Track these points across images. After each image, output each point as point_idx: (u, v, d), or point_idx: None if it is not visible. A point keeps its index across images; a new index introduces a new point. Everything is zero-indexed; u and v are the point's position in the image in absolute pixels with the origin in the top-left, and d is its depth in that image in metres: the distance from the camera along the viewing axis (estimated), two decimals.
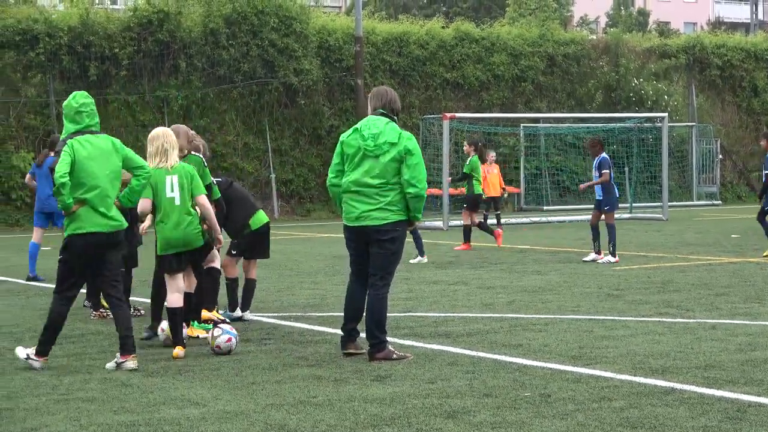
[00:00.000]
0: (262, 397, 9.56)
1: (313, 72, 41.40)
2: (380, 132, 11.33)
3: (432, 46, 45.15)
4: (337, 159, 11.52)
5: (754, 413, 8.65)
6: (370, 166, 11.28)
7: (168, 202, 12.07)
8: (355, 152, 11.36)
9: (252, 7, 40.44)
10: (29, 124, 38.03)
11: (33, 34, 38.01)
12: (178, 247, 12.09)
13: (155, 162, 12.22)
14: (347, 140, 11.46)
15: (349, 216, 11.39)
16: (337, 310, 15.00)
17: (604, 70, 48.66)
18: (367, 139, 11.30)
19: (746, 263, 20.70)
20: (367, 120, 11.53)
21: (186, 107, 39.93)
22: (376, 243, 11.29)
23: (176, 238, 12.06)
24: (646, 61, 49.90)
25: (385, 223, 11.25)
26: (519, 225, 34.79)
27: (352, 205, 11.34)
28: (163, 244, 12.12)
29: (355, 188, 11.31)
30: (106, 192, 11.12)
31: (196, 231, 12.09)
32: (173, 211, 12.05)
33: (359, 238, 11.40)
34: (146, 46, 39.19)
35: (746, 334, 12.49)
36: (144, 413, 9.02)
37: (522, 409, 8.92)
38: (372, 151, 11.27)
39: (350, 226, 11.42)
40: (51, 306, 11.26)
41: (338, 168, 11.51)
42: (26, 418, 8.94)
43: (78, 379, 10.57)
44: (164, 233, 12.08)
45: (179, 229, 12.03)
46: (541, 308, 15.05)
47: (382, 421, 8.62)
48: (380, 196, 11.26)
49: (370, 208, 11.26)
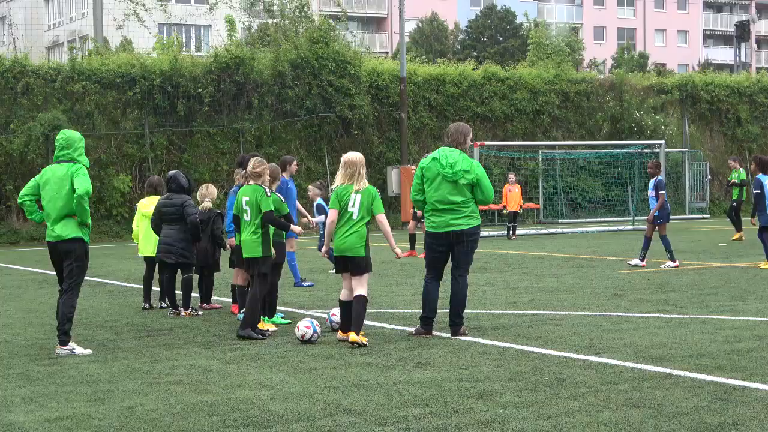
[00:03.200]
0: (321, 381, 9.55)
1: (365, 107, 41.49)
2: (456, 161, 12.06)
3: (464, 85, 45.11)
4: (418, 180, 12.31)
5: (739, 395, 8.58)
6: (450, 188, 12.06)
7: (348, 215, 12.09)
8: (434, 176, 12.12)
9: (313, 53, 40.58)
10: (127, 152, 38.30)
11: (131, 76, 38.30)
12: (343, 252, 12.05)
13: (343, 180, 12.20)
14: (427, 166, 12.23)
15: (440, 225, 12.13)
16: (384, 308, 15.01)
17: (610, 104, 48.45)
18: (446, 167, 12.06)
19: (732, 267, 20.53)
20: (443, 150, 12.24)
21: (258, 137, 40.09)
22: (462, 243, 12.11)
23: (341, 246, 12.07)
24: (646, 97, 49.63)
25: (469, 227, 12.12)
26: (538, 235, 34.63)
27: (441, 218, 12.14)
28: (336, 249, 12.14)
29: (442, 206, 12.09)
30: (55, 211, 11.57)
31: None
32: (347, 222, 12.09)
33: (447, 242, 12.13)
34: (225, 86, 39.39)
35: (732, 328, 12.38)
36: (223, 394, 9.04)
37: (541, 391, 8.88)
38: (450, 177, 12.04)
39: (440, 232, 12.15)
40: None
41: (419, 188, 12.33)
42: (124, 398, 8.98)
43: (167, 365, 10.61)
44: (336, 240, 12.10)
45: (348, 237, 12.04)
46: (557, 306, 14.98)
47: (422, 401, 8.60)
48: (464, 208, 12.09)
49: (456, 217, 12.08)
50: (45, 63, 39.83)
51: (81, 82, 37.76)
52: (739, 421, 7.68)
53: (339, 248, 12.06)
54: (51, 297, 17.70)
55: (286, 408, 8.41)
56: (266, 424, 7.86)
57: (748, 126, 51.53)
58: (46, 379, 9.92)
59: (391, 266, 22.37)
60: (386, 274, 20.36)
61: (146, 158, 38.34)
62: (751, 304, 14.71)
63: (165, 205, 15.04)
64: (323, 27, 41.68)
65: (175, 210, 14.91)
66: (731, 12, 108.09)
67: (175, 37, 43.39)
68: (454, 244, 12.12)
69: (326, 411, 8.29)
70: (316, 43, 40.86)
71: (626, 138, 46.35)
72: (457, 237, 12.08)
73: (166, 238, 14.97)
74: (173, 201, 15.00)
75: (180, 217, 14.86)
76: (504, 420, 7.86)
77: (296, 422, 7.91)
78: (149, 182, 16.70)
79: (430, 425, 7.74)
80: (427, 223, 12.30)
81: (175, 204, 14.95)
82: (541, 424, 7.71)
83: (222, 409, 8.41)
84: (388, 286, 18.23)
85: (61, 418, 8.22)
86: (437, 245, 12.21)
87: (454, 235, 12.07)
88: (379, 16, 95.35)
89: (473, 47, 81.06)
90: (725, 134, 51.53)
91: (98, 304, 16.55)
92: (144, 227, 16.00)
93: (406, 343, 11.75)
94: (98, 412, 8.38)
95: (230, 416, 8.16)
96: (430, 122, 44.20)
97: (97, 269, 21.81)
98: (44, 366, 10.70)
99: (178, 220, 14.90)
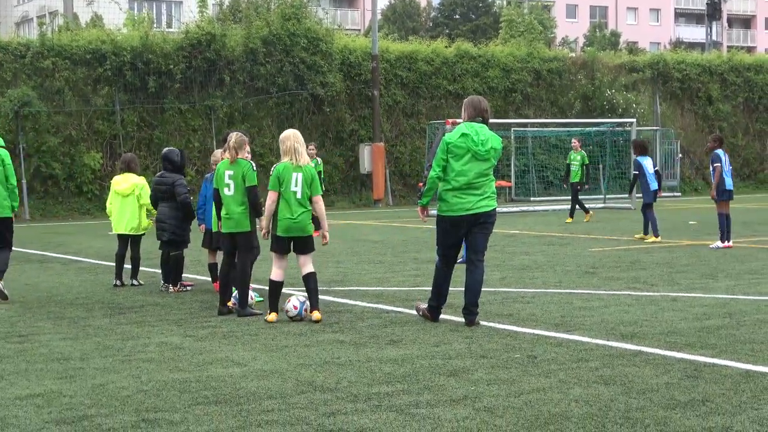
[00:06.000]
0: (293, 358, 9.55)
1: (337, 84, 41.43)
2: (487, 139, 11.29)
3: (437, 62, 45.08)
4: (443, 155, 11.29)
5: (709, 372, 8.63)
6: (479, 167, 11.23)
7: (291, 195, 11.88)
8: (463, 152, 11.22)
9: (285, 30, 40.44)
10: (98, 129, 38.14)
11: (101, 52, 38.09)
12: (291, 233, 11.91)
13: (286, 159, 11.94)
14: (456, 141, 11.25)
15: (462, 207, 11.24)
16: (355, 285, 15.01)
17: (582, 82, 48.56)
18: (478, 144, 11.21)
19: (702, 246, 20.64)
20: (471, 126, 11.34)
21: (230, 114, 39.97)
22: (482, 225, 11.32)
23: (290, 226, 11.87)
24: (618, 75, 49.75)
25: (491, 209, 11.34)
26: (510, 213, 34.71)
27: (464, 199, 11.23)
28: (281, 228, 11.89)
29: (467, 186, 11.20)
30: None
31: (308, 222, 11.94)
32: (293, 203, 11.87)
33: (465, 225, 11.30)
34: (196, 62, 39.21)
35: (702, 306, 12.46)
36: (194, 372, 9.02)
37: (512, 368, 8.91)
38: (483, 155, 11.21)
39: (461, 215, 11.26)
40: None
41: (444, 164, 11.30)
42: (95, 375, 8.95)
43: (139, 343, 10.59)
44: (282, 220, 11.87)
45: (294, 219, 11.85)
46: (529, 283, 15.02)
47: (394, 378, 8.61)
48: (486, 188, 11.31)
49: (479, 198, 11.25)
50: (14, 39, 39.58)
51: (51, 58, 37.52)
52: (708, 397, 7.73)
53: (288, 228, 11.87)
54: (19, 275, 17.61)
55: (258, 385, 8.41)
56: (238, 402, 7.86)
57: (718, 104, 51.76)
58: (16, 357, 9.88)
59: (363, 244, 22.39)
60: (357, 252, 20.36)
61: (117, 135, 38.16)
62: (721, 282, 14.80)
63: (158, 183, 15.26)
64: (295, 4, 41.52)
65: (167, 189, 15.12)
66: None
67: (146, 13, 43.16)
68: (473, 226, 11.32)
69: (298, 388, 8.29)
70: (288, 20, 40.72)
71: (598, 116, 46.47)
72: (481, 218, 11.28)
73: (160, 216, 15.22)
74: (165, 180, 15.18)
75: (172, 195, 15.00)
76: (476, 397, 7.88)
77: (268, 399, 7.92)
78: (123, 159, 16.63)
79: (402, 402, 7.76)
80: (444, 206, 11.36)
81: (167, 183, 15.13)
82: (512, 401, 7.74)
83: (194, 387, 8.40)
84: (360, 264, 18.24)
85: (32, 395, 8.19)
86: (457, 229, 11.36)
87: (479, 217, 11.27)
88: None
89: (445, 25, 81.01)
90: (696, 113, 51.74)
91: (69, 282, 16.49)
92: (117, 205, 15.96)
93: (377, 320, 11.76)
94: (69, 390, 8.36)
95: (202, 393, 8.15)
96: (403, 100, 44.16)
97: (68, 246, 21.72)
98: (15, 344, 10.66)
99: (170, 198, 15.09)
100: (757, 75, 52.94)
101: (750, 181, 52.01)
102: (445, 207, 11.37)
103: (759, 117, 53.34)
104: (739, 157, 51.08)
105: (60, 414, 7.59)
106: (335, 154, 42.15)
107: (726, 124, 51.45)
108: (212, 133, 39.35)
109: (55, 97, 37.59)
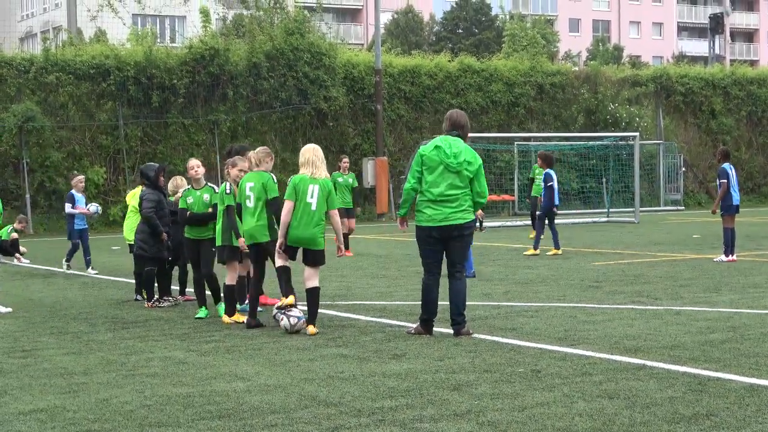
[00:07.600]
0: (297, 373, 9.55)
1: (340, 99, 41.48)
2: (460, 151, 11.50)
3: (440, 76, 45.14)
4: (418, 167, 11.57)
5: (713, 386, 8.62)
6: (452, 179, 11.45)
7: (306, 207, 12.00)
8: (436, 165, 11.47)
9: (288, 44, 40.53)
10: (102, 143, 38.20)
11: (105, 68, 38.17)
12: (299, 243, 12.04)
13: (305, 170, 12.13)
14: (429, 154, 11.54)
15: (435, 218, 11.46)
16: (359, 299, 15.01)
17: (585, 96, 48.56)
18: (450, 157, 11.46)
19: (705, 259, 20.62)
20: (446, 139, 11.63)
21: (233, 129, 40.04)
22: (458, 238, 11.51)
23: (298, 238, 12.00)
24: (621, 89, 49.76)
25: (466, 221, 11.50)
26: (514, 227, 34.69)
27: (438, 210, 11.45)
28: (290, 239, 12.00)
29: (441, 199, 11.42)
30: None
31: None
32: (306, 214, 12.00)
33: (441, 236, 11.49)
34: (200, 77, 39.28)
35: (705, 319, 12.44)
36: (198, 386, 9.02)
37: (516, 383, 8.90)
38: (455, 167, 11.44)
39: (435, 226, 11.47)
40: None
41: (418, 176, 11.58)
42: (99, 390, 8.95)
43: (142, 357, 10.59)
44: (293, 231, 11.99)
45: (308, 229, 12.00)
46: (533, 297, 15.01)
47: (398, 392, 8.61)
48: (462, 201, 11.47)
49: (453, 210, 11.44)
50: (18, 54, 39.67)
51: (55, 73, 37.59)
52: (713, 412, 7.72)
53: (298, 238, 11.98)
54: (23, 290, 17.62)
55: (261, 400, 8.40)
56: (241, 416, 7.86)
57: (722, 118, 51.75)
58: (20, 372, 9.89)
59: (367, 259, 22.39)
60: (361, 266, 20.36)
61: (120, 150, 38.21)
62: (725, 296, 14.79)
63: (140, 198, 15.73)
64: (298, 18, 41.62)
65: (140, 203, 15.58)
66: (705, 4, 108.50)
67: (150, 28, 43.27)
68: (449, 238, 11.49)
69: (302, 403, 8.29)
70: (291, 34, 40.80)
71: (601, 130, 46.46)
72: (454, 231, 11.45)
73: (137, 229, 15.71)
74: (141, 194, 15.63)
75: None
76: (479, 411, 7.87)
77: (272, 414, 7.91)
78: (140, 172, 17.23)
79: (406, 417, 7.76)
80: (421, 216, 11.57)
81: (141, 197, 15.53)
82: (516, 415, 7.73)
83: (197, 401, 8.40)
84: (364, 278, 18.24)
85: (35, 410, 8.19)
86: (433, 240, 11.53)
87: (452, 229, 11.44)
88: (354, 8, 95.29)
89: (448, 39, 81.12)
90: (699, 126, 51.72)
91: (73, 296, 16.50)
92: (132, 217, 16.91)
93: (381, 334, 11.75)
94: (73, 405, 8.35)
95: (205, 408, 8.15)
96: (406, 114, 44.21)
97: (72, 261, 21.70)
98: (18, 359, 10.66)
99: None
100: (760, 88, 52.96)
101: (753, 195, 51.96)
102: (420, 217, 11.63)
103: (762, 131, 53.35)
104: (743, 170, 50.99)
105: (63, 429, 7.59)
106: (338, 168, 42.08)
107: (729, 138, 51.41)
108: (216, 147, 39.39)
109: (58, 112, 37.65)
